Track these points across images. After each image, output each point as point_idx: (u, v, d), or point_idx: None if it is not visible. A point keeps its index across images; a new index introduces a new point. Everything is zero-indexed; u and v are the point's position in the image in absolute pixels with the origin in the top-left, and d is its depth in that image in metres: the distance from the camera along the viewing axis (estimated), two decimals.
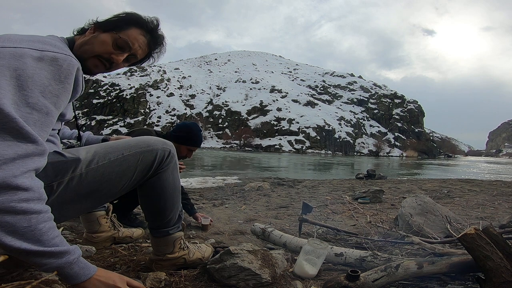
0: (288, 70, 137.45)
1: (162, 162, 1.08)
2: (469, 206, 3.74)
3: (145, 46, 1.06)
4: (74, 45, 0.97)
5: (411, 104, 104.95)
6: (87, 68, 0.98)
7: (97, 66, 0.99)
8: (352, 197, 4.41)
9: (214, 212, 3.07)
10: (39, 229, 0.73)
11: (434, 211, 2.14)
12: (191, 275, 1.19)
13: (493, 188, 6.06)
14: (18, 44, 0.76)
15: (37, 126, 0.74)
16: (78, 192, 0.91)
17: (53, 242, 0.76)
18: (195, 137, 2.08)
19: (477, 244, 0.99)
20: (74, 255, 0.80)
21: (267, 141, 78.27)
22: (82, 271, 0.81)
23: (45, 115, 0.76)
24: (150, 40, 1.06)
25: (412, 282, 1.19)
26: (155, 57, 1.13)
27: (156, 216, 1.19)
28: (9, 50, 0.74)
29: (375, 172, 8.54)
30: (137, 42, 1.02)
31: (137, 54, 1.05)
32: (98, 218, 1.56)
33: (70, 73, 0.81)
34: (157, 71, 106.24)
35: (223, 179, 7.42)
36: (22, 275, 0.94)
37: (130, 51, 1.02)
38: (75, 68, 0.82)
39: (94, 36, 0.98)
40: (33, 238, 0.72)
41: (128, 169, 1.00)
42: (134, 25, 1.02)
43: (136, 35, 1.02)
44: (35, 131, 0.73)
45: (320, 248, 1.31)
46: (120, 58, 1.00)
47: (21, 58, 0.74)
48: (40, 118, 0.75)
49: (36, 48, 0.78)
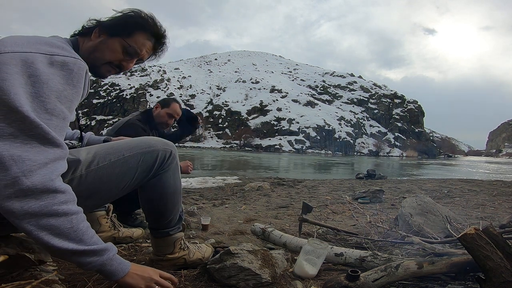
0: (288, 70, 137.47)
1: (163, 163, 1.08)
2: (469, 206, 3.74)
3: (151, 50, 1.07)
4: (78, 46, 0.98)
5: (411, 104, 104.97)
6: (100, 73, 1.00)
7: (109, 71, 1.02)
8: (352, 197, 4.41)
9: (214, 212, 3.07)
10: (80, 229, 0.76)
11: (434, 211, 2.14)
12: (191, 275, 1.19)
13: (493, 188, 6.06)
14: (26, 48, 0.76)
15: (57, 131, 0.76)
16: (78, 193, 0.89)
17: (93, 240, 0.79)
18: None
19: (477, 244, 0.99)
20: (112, 251, 0.83)
21: (267, 141, 78.28)
22: (120, 267, 0.84)
23: (62, 120, 0.78)
24: (155, 43, 1.07)
25: (412, 282, 1.19)
26: (157, 56, 1.14)
27: (157, 217, 1.18)
28: (19, 55, 0.74)
29: (375, 172, 8.55)
30: (144, 48, 1.04)
31: (143, 58, 1.07)
32: (98, 218, 1.57)
33: (81, 76, 0.82)
34: (157, 71, 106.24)
35: (223, 179, 7.42)
36: (22, 275, 0.94)
37: (138, 56, 1.04)
38: (84, 71, 0.84)
39: (102, 42, 0.98)
40: (76, 238, 0.75)
41: (129, 170, 0.99)
42: (140, 30, 1.02)
43: (143, 41, 1.03)
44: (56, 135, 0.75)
45: (320, 248, 1.31)
46: (130, 65, 1.04)
47: (33, 64, 0.74)
48: (59, 123, 0.76)
49: (45, 52, 0.78)
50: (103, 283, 1.07)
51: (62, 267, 1.21)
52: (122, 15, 1.01)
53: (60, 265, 1.22)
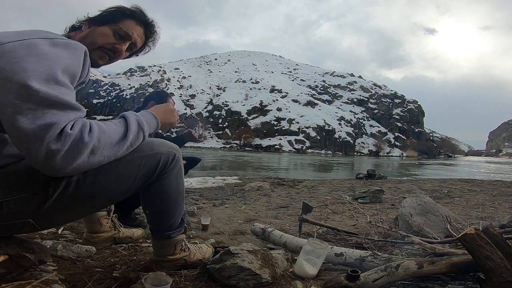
0: (288, 70, 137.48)
1: (166, 166, 1.04)
2: (469, 206, 3.74)
3: (142, 35, 1.10)
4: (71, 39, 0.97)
5: (411, 104, 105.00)
6: (92, 60, 1.00)
7: (102, 58, 1.03)
8: (352, 197, 4.42)
9: (214, 212, 3.07)
10: (116, 132, 0.84)
11: (434, 211, 2.14)
12: (191, 275, 1.19)
13: (493, 188, 6.06)
14: (27, 36, 0.78)
15: (71, 99, 0.78)
16: (76, 197, 0.88)
17: (128, 125, 0.88)
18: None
19: (477, 244, 0.99)
20: (137, 116, 0.92)
21: (267, 141, 78.29)
22: (151, 117, 0.97)
23: (71, 91, 0.80)
24: (145, 29, 1.11)
25: (412, 282, 1.19)
26: (151, 46, 1.17)
27: (158, 220, 1.16)
28: (20, 43, 0.76)
29: (375, 172, 8.54)
30: (135, 32, 1.07)
31: (136, 42, 1.09)
32: (99, 218, 1.56)
33: (85, 54, 0.85)
34: (157, 71, 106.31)
35: (223, 179, 7.42)
36: (22, 275, 0.94)
37: (130, 39, 1.06)
38: (84, 51, 0.86)
39: (93, 30, 1.01)
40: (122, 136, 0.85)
41: (130, 174, 0.96)
42: (127, 17, 1.06)
43: (132, 25, 1.06)
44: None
45: (320, 248, 1.31)
46: (123, 47, 1.04)
47: (37, 46, 0.76)
48: (70, 93, 0.79)
49: (46, 37, 0.80)
50: (103, 283, 1.07)
51: (62, 267, 1.21)
52: (109, 8, 1.05)
53: (60, 265, 1.22)
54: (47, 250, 1.00)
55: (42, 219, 0.87)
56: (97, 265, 1.26)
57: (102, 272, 1.17)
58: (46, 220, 0.89)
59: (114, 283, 1.07)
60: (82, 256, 1.37)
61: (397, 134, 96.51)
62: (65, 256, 1.33)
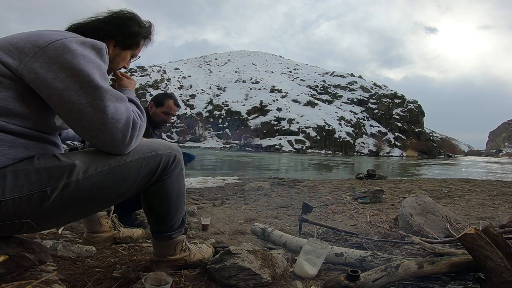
0: (288, 70, 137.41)
1: (166, 168, 1.04)
2: (469, 206, 3.74)
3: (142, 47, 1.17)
4: None
5: (411, 104, 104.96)
6: None
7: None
8: (352, 197, 4.41)
9: (214, 212, 3.07)
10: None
11: (434, 211, 2.14)
12: (191, 275, 1.19)
13: (493, 188, 6.05)
14: (59, 37, 0.85)
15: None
16: (76, 198, 0.87)
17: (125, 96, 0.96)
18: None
19: (477, 244, 0.99)
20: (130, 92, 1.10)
21: (267, 141, 78.26)
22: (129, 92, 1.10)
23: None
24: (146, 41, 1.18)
25: (412, 282, 1.19)
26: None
27: (159, 221, 1.16)
28: (59, 42, 0.83)
29: (375, 172, 8.53)
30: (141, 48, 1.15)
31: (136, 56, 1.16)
32: (99, 218, 1.56)
33: (107, 53, 0.94)
34: (157, 71, 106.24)
35: (223, 179, 7.42)
36: (22, 275, 0.94)
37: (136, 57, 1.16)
38: (105, 49, 0.94)
39: (118, 55, 1.09)
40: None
41: (130, 175, 0.95)
42: (143, 38, 1.13)
43: (142, 44, 1.15)
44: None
45: (320, 248, 1.31)
46: (128, 66, 1.16)
47: (73, 47, 0.84)
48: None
49: (72, 37, 0.87)
50: (103, 283, 1.07)
51: (62, 267, 1.21)
52: (132, 28, 1.08)
53: (60, 265, 1.22)
54: (47, 250, 1.00)
55: (41, 220, 0.87)
56: (97, 265, 1.26)
57: (102, 272, 1.17)
58: (46, 220, 0.89)
59: (114, 283, 1.07)
60: (82, 256, 1.37)
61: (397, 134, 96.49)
62: (65, 256, 1.33)
